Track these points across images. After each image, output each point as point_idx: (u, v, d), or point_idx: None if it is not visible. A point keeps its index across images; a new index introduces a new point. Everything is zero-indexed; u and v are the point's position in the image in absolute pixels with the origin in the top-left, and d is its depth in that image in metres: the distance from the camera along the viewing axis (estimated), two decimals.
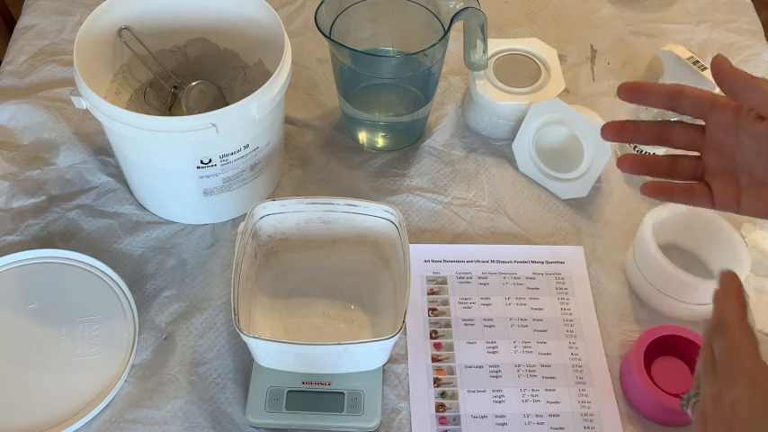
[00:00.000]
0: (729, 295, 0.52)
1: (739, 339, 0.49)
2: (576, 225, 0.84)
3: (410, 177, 0.88)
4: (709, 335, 0.51)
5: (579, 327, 0.77)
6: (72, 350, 0.73)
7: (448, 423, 0.70)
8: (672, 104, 0.58)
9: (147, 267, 0.80)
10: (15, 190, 0.85)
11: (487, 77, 0.89)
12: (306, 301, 0.76)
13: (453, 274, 0.80)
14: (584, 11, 1.07)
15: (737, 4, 1.08)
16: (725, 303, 0.51)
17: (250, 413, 0.69)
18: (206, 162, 0.74)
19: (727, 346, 0.49)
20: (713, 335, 0.51)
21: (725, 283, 0.53)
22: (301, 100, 0.95)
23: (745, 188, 0.57)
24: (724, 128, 0.57)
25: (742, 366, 0.47)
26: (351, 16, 0.83)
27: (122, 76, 0.85)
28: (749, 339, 0.48)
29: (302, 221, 0.75)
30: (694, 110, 0.58)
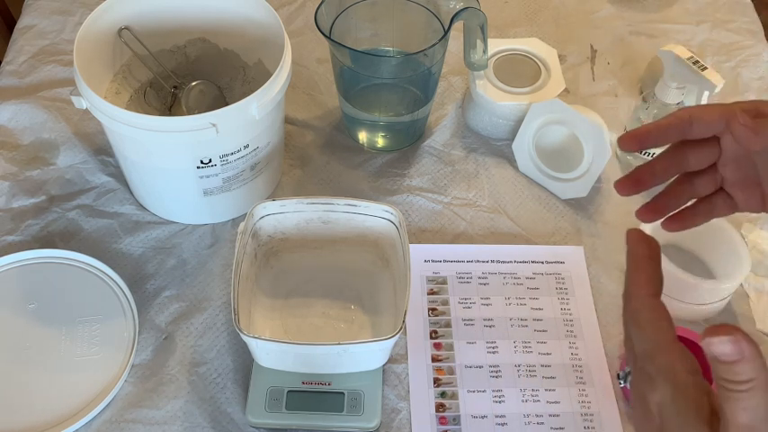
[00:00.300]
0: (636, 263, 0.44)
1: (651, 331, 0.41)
2: (576, 225, 0.84)
3: (410, 177, 0.88)
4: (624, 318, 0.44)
5: (579, 327, 0.77)
6: (72, 350, 0.73)
7: (448, 423, 0.70)
8: (684, 135, 0.54)
9: (147, 267, 0.80)
10: (15, 190, 0.85)
11: (487, 77, 0.89)
12: (306, 301, 0.76)
13: (453, 274, 0.80)
14: (584, 11, 1.07)
15: (737, 4, 1.08)
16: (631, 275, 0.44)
17: (250, 413, 0.69)
18: (206, 162, 0.74)
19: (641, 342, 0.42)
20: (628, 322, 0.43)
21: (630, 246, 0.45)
22: (301, 100, 0.95)
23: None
24: None
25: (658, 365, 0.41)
26: (351, 16, 0.83)
27: (122, 76, 0.85)
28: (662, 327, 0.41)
29: (302, 221, 0.75)
30: (709, 132, 0.54)
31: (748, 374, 0.37)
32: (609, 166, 0.87)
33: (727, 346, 0.37)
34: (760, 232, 0.83)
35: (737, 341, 0.37)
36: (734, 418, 0.37)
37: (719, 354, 0.37)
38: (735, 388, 0.37)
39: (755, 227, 0.84)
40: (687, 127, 0.54)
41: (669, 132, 0.54)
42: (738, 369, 0.37)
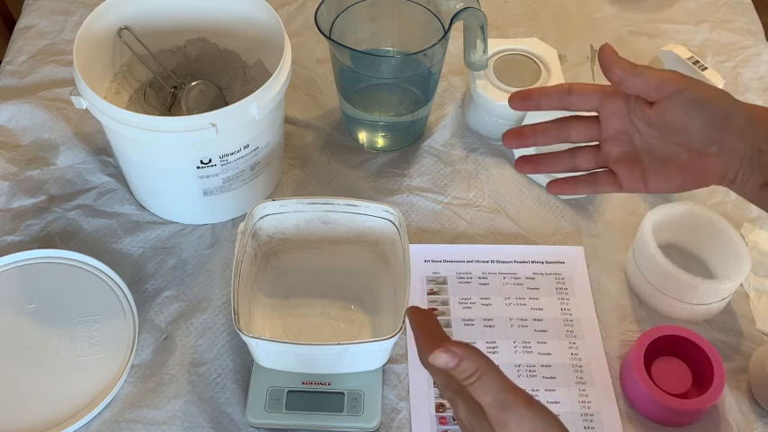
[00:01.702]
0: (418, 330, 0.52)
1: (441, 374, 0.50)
2: (576, 225, 0.84)
3: (410, 177, 0.88)
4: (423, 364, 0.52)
5: (579, 327, 0.77)
6: (72, 350, 0.73)
7: (448, 423, 0.70)
8: (563, 104, 0.60)
9: (147, 267, 0.80)
10: (15, 190, 0.85)
11: (487, 77, 0.89)
12: (306, 301, 0.76)
13: (453, 274, 0.80)
14: (584, 11, 1.07)
15: (737, 4, 1.08)
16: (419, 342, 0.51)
17: (250, 413, 0.69)
18: (206, 162, 0.74)
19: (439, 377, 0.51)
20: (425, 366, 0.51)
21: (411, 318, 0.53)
22: (301, 100, 0.95)
23: (648, 168, 0.59)
24: (617, 116, 0.59)
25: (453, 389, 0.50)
26: (351, 16, 0.83)
27: (122, 76, 0.85)
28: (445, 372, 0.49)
29: (302, 221, 0.75)
30: (586, 105, 0.60)
31: (471, 368, 0.47)
32: None
33: (442, 357, 0.47)
34: (760, 232, 0.83)
35: (447, 349, 0.47)
36: (482, 400, 0.47)
37: (443, 364, 0.47)
38: (469, 382, 0.47)
39: (755, 227, 0.84)
40: (566, 95, 0.60)
41: (551, 97, 0.60)
42: (462, 368, 0.47)
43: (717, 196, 0.86)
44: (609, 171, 0.62)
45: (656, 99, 0.57)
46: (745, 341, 0.76)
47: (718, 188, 0.87)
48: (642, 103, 0.58)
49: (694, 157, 0.57)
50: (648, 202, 0.85)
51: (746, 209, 0.85)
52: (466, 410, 0.49)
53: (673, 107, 0.56)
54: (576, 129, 0.62)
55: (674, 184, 0.59)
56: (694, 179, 0.58)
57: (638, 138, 0.59)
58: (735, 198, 0.86)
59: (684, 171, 0.58)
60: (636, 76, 0.56)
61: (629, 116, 0.59)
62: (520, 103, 0.62)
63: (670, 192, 0.60)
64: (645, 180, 0.59)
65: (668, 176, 0.58)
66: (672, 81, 0.56)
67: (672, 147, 0.58)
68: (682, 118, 0.56)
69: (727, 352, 0.75)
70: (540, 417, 0.48)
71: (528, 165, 0.65)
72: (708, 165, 0.57)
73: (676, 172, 0.58)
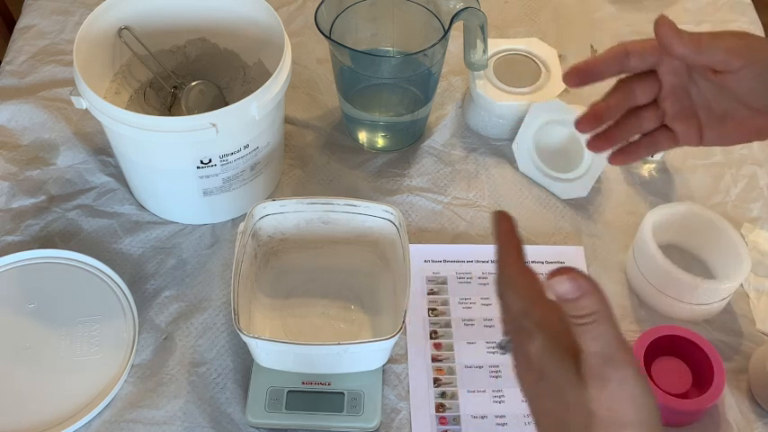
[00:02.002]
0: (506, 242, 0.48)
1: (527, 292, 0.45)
2: (576, 225, 0.84)
3: (410, 177, 0.88)
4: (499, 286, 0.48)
5: None
6: (72, 350, 0.73)
7: (448, 423, 0.70)
8: (621, 68, 0.58)
9: (147, 267, 0.80)
10: (15, 190, 0.85)
11: (487, 77, 0.89)
12: (306, 301, 0.76)
13: (453, 274, 0.80)
14: (585, 11, 1.07)
15: (737, 4, 1.08)
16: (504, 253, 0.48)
17: (250, 413, 0.69)
18: (206, 162, 0.74)
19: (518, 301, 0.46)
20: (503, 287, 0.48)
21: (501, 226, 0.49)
22: (301, 100, 0.95)
23: (705, 123, 0.58)
24: (676, 73, 0.58)
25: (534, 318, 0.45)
26: (351, 16, 0.83)
27: (122, 76, 0.85)
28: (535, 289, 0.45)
29: (302, 221, 0.75)
30: (645, 64, 0.58)
31: (590, 308, 0.41)
32: (609, 167, 0.86)
33: (566, 285, 0.41)
34: (760, 232, 0.83)
35: (575, 279, 0.41)
36: (587, 347, 0.42)
37: (562, 293, 0.41)
38: (581, 321, 0.42)
39: (755, 227, 0.84)
40: (624, 59, 0.57)
41: (608, 64, 0.58)
42: (581, 304, 0.41)
43: (717, 196, 0.86)
44: (664, 127, 0.60)
45: (722, 70, 0.55)
46: (745, 341, 0.76)
47: (718, 188, 0.87)
48: (706, 68, 0.56)
49: (753, 114, 0.56)
50: (648, 203, 0.85)
51: (746, 209, 0.85)
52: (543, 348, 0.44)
53: (740, 77, 0.54)
54: (640, 89, 0.59)
55: (731, 139, 0.58)
56: (752, 135, 0.57)
57: (696, 92, 0.57)
58: (735, 198, 0.86)
59: (742, 127, 0.57)
60: (699, 53, 0.54)
61: (689, 73, 0.57)
62: (576, 78, 0.59)
63: (724, 145, 0.60)
64: (701, 134, 0.58)
65: (725, 132, 0.57)
66: (740, 53, 0.53)
67: (731, 104, 0.56)
68: (748, 86, 0.54)
69: (727, 352, 0.75)
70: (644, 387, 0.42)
71: (602, 142, 0.61)
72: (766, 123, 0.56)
73: (734, 128, 0.57)
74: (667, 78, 0.58)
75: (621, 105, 0.60)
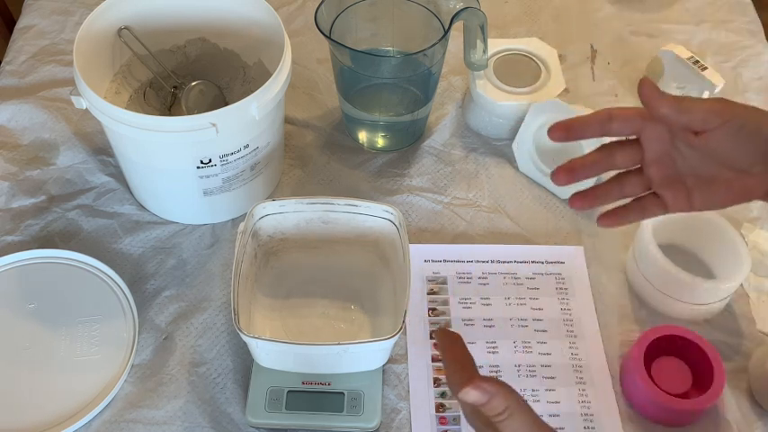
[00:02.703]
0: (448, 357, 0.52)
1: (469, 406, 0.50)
2: (576, 225, 0.84)
3: (410, 177, 0.88)
4: None
5: (579, 327, 0.77)
6: (72, 350, 0.73)
7: (448, 423, 0.70)
8: (604, 131, 0.59)
9: (147, 267, 0.80)
10: (15, 190, 0.85)
11: (487, 77, 0.89)
12: (306, 301, 0.76)
13: (453, 274, 0.80)
14: (585, 11, 1.07)
15: (737, 4, 1.08)
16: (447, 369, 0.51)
17: (250, 413, 0.69)
18: (206, 162, 0.74)
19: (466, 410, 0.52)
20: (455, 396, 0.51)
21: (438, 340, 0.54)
22: (301, 100, 0.95)
23: (693, 189, 0.59)
24: (659, 140, 0.58)
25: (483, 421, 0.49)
26: (351, 16, 0.83)
27: (122, 76, 0.85)
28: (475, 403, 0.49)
29: (302, 221, 0.75)
30: (627, 130, 0.59)
31: (501, 406, 0.47)
32: None
33: (473, 394, 0.47)
34: (760, 232, 0.83)
35: (478, 386, 0.47)
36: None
37: (473, 402, 0.47)
38: (498, 419, 0.47)
39: (755, 227, 0.84)
40: (607, 122, 0.59)
41: (591, 125, 0.59)
42: (492, 405, 0.47)
43: None
44: (653, 194, 0.61)
45: (702, 130, 0.56)
46: (745, 341, 0.76)
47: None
48: (686, 131, 0.57)
49: (738, 176, 0.56)
50: None
51: (746, 209, 0.85)
52: None
53: (719, 137, 0.55)
54: (620, 154, 0.61)
55: (719, 202, 0.58)
56: (738, 196, 0.57)
57: (681, 160, 0.58)
58: None
59: (729, 190, 0.57)
60: (681, 112, 0.55)
61: (672, 140, 0.58)
62: (561, 134, 0.60)
63: (715, 209, 0.60)
64: (690, 200, 0.59)
65: (713, 196, 0.58)
66: (718, 113, 0.55)
67: (716, 167, 0.57)
68: (729, 146, 0.55)
69: (727, 352, 0.74)
70: None
71: (583, 200, 0.63)
72: (753, 183, 0.56)
73: (721, 191, 0.57)
74: (650, 145, 0.59)
75: (598, 165, 0.61)
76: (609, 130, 0.59)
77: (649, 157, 0.59)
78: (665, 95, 0.56)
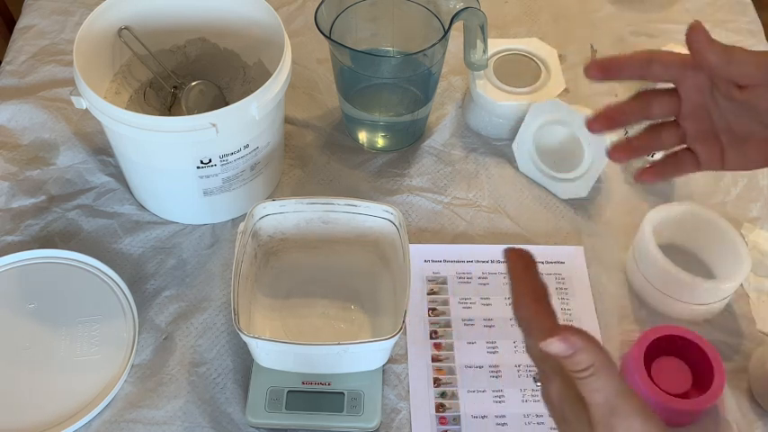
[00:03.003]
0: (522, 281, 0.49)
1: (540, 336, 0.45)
2: (576, 225, 0.84)
3: (410, 177, 0.88)
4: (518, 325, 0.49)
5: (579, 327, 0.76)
6: (72, 350, 0.73)
7: (448, 423, 0.70)
8: (643, 73, 0.58)
9: (147, 267, 0.80)
10: (15, 190, 0.85)
11: (487, 77, 0.89)
12: (306, 301, 0.76)
13: (453, 274, 0.80)
14: (585, 11, 1.07)
15: (737, 4, 1.08)
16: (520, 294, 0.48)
17: (250, 413, 0.69)
18: (206, 162, 0.74)
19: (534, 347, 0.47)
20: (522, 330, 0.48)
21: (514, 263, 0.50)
22: (301, 100, 0.95)
23: (727, 146, 0.57)
24: (698, 90, 0.56)
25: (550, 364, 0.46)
26: (351, 16, 0.83)
27: (122, 76, 0.85)
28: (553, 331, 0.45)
29: (302, 221, 0.75)
30: (667, 75, 0.57)
31: (587, 362, 0.43)
32: (609, 166, 0.87)
33: (558, 345, 0.43)
34: (760, 232, 0.83)
35: (565, 338, 0.43)
36: (591, 399, 0.43)
37: (557, 353, 0.43)
38: (580, 375, 0.43)
39: (755, 227, 0.84)
40: (647, 64, 0.57)
41: (631, 65, 0.57)
42: (577, 359, 0.43)
43: (717, 196, 0.86)
44: (687, 150, 0.60)
45: (747, 84, 0.54)
46: (745, 341, 0.76)
47: (718, 188, 0.87)
48: (730, 84, 0.54)
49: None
50: (648, 203, 0.85)
51: (746, 209, 0.85)
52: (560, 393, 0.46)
53: (763, 92, 0.53)
54: (657, 103, 0.59)
55: (753, 162, 0.57)
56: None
57: (717, 114, 0.56)
58: (735, 198, 0.86)
59: (763, 150, 0.56)
60: (730, 63, 0.53)
61: (712, 91, 0.56)
62: (598, 72, 0.58)
63: (746, 170, 0.59)
64: (723, 158, 0.58)
65: (747, 155, 0.57)
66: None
67: (753, 125, 0.55)
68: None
69: (727, 352, 0.74)
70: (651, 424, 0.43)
71: (622, 152, 0.61)
72: None
73: (756, 150, 0.56)
74: (688, 96, 0.57)
75: (635, 113, 0.60)
76: (648, 72, 0.57)
77: (686, 108, 0.58)
78: (716, 43, 0.53)
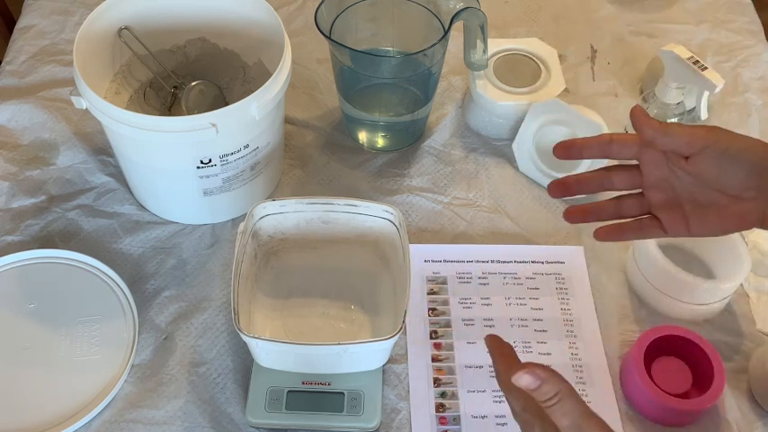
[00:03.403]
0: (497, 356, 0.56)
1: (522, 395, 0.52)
2: (576, 225, 0.84)
3: (410, 177, 0.88)
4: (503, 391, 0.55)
5: (579, 327, 0.77)
6: (72, 350, 0.73)
7: (448, 423, 0.70)
8: (604, 154, 0.62)
9: (147, 267, 0.80)
10: (15, 190, 0.85)
11: (487, 77, 0.89)
12: (306, 301, 0.76)
13: (453, 274, 0.80)
14: (585, 11, 1.07)
15: (737, 4, 1.08)
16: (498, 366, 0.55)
17: (250, 413, 0.69)
18: (206, 162, 0.74)
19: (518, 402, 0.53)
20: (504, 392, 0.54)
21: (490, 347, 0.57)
22: (301, 100, 0.95)
23: (690, 214, 0.60)
24: (657, 165, 0.60)
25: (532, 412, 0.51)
26: (351, 16, 0.83)
27: (122, 76, 0.85)
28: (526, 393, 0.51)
29: (302, 221, 0.75)
30: (626, 154, 0.61)
31: (552, 390, 0.49)
32: None
33: (526, 378, 0.49)
34: (760, 232, 0.83)
35: (532, 371, 0.49)
36: (560, 423, 0.50)
37: (525, 385, 0.50)
38: (549, 404, 0.50)
39: None
40: (607, 145, 0.61)
41: (592, 146, 0.62)
42: (543, 390, 0.49)
43: None
44: (652, 217, 0.62)
45: (688, 154, 0.58)
46: (745, 341, 0.76)
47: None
48: (677, 156, 0.59)
49: (733, 201, 0.58)
50: None
51: None
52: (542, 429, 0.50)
53: (705, 160, 0.57)
54: (618, 177, 0.63)
55: (714, 228, 0.60)
56: (734, 223, 0.59)
57: (679, 185, 0.60)
58: None
59: (724, 216, 0.59)
60: (666, 135, 0.58)
61: (668, 165, 0.60)
62: (563, 152, 0.63)
63: (711, 236, 0.61)
64: (687, 225, 0.60)
65: (708, 221, 0.59)
66: (700, 137, 0.57)
67: (711, 193, 0.59)
68: (714, 170, 0.57)
69: (727, 352, 0.75)
70: None
71: (577, 214, 0.66)
72: (746, 209, 0.57)
73: (716, 217, 0.59)
74: (649, 169, 0.61)
75: (594, 183, 0.64)
76: (609, 152, 0.61)
77: (648, 181, 0.61)
78: (653, 120, 0.58)
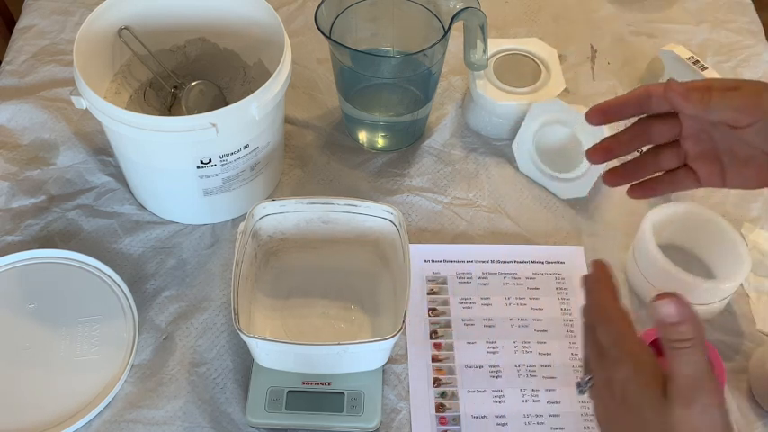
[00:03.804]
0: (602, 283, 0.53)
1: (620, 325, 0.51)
2: (576, 225, 0.84)
3: (410, 177, 0.88)
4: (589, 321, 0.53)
5: (579, 327, 0.76)
6: (72, 350, 0.73)
7: (448, 423, 0.70)
8: (643, 109, 0.59)
9: (147, 267, 0.80)
10: (15, 190, 0.85)
11: (487, 77, 0.89)
12: (306, 301, 0.76)
13: (453, 274, 0.80)
14: (585, 11, 1.07)
15: (737, 4, 1.08)
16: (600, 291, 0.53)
17: (250, 413, 0.69)
18: (206, 162, 0.74)
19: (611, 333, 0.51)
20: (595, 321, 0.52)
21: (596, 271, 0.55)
22: (301, 100, 0.95)
23: (728, 166, 0.59)
24: (696, 118, 0.58)
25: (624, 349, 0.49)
26: (351, 16, 0.83)
27: (122, 76, 0.85)
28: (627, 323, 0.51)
29: (302, 221, 0.75)
30: (665, 107, 0.58)
31: (689, 334, 0.46)
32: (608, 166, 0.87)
33: (671, 308, 0.46)
34: (760, 232, 0.83)
35: (680, 305, 0.46)
36: (680, 371, 0.46)
37: (665, 315, 0.46)
38: (679, 346, 0.46)
39: (755, 227, 0.84)
40: (646, 101, 0.58)
41: (630, 105, 0.59)
42: (681, 329, 0.46)
43: (717, 196, 0.86)
44: (686, 167, 0.61)
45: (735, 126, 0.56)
46: (745, 341, 0.76)
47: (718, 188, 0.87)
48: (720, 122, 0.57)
49: None
50: (648, 203, 0.85)
51: (746, 209, 0.85)
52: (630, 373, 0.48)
53: (752, 132, 0.55)
54: (657, 129, 0.60)
55: (752, 182, 0.59)
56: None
57: (719, 137, 0.58)
58: (735, 198, 0.86)
59: (763, 170, 0.57)
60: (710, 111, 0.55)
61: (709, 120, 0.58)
62: (600, 117, 0.60)
63: (747, 188, 0.60)
64: (724, 177, 0.59)
65: (747, 176, 0.58)
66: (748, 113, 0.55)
67: (751, 150, 0.57)
68: (760, 138, 0.55)
69: (727, 352, 0.75)
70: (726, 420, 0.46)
71: (618, 177, 0.63)
72: None
73: (756, 172, 0.58)
74: (688, 122, 0.59)
75: (633, 143, 0.61)
76: (648, 108, 0.59)
77: (687, 131, 0.59)
78: (692, 95, 0.55)
